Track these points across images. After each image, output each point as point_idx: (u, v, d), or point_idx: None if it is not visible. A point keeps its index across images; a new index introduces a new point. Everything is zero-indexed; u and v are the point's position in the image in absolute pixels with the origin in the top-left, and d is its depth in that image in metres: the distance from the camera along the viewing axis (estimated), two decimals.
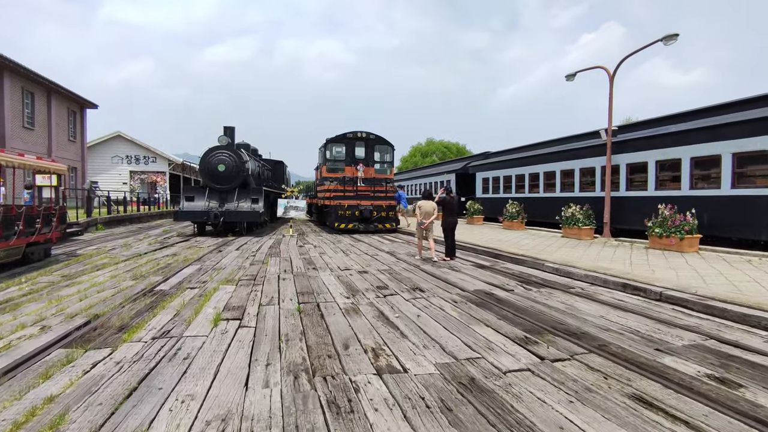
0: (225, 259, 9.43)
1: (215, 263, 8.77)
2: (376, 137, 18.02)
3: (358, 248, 11.82)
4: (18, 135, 21.67)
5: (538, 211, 15.96)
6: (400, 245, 12.53)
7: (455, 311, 5.23)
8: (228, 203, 15.14)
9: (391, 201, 16.94)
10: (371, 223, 16.49)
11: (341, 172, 17.69)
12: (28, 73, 21.70)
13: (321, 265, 8.84)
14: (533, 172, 16.40)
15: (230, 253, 10.45)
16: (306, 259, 9.73)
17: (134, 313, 4.89)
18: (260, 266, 8.57)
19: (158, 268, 7.98)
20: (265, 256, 9.98)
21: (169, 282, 6.69)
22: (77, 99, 27.16)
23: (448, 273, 7.92)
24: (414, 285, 6.77)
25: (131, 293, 5.88)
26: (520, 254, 9.28)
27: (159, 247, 11.38)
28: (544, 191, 15.74)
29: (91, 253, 9.76)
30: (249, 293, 6.06)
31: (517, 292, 6.35)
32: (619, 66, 11.78)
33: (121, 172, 32.36)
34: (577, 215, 12.12)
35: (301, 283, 6.92)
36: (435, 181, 26.47)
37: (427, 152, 60.16)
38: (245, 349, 3.83)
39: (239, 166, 15.21)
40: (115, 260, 8.82)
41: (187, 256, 9.73)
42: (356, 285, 6.79)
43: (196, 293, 5.96)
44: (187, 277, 7.20)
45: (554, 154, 15.15)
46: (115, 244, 11.92)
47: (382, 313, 5.14)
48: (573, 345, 4.01)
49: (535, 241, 11.92)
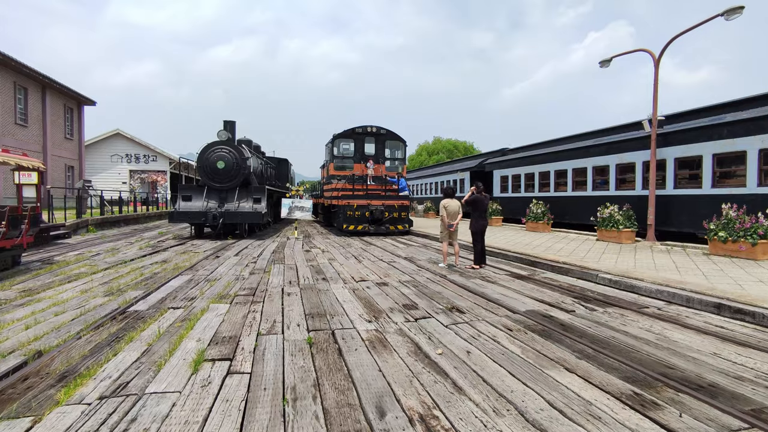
0: (221, 267, 8.23)
1: (209, 273, 7.56)
2: (387, 132, 16.78)
3: (371, 253, 10.58)
4: (10, 131, 20.62)
5: (566, 212, 14.64)
6: (417, 250, 11.28)
7: (515, 344, 3.97)
8: (228, 203, 13.95)
9: (403, 201, 15.68)
10: (382, 225, 15.25)
11: (350, 170, 16.46)
12: (20, 67, 20.64)
13: (332, 274, 7.61)
14: (560, 168, 15.07)
15: (228, 259, 9.25)
16: (314, 266, 8.50)
17: (90, 350, 3.67)
18: (261, 276, 7.35)
19: (141, 280, 6.78)
20: (268, 263, 8.76)
21: (149, 299, 5.47)
22: (74, 95, 26.11)
23: (484, 285, 6.66)
24: (449, 303, 5.52)
25: (97, 316, 4.67)
26: (561, 262, 8.01)
27: (150, 252, 10.20)
28: (572, 190, 14.42)
29: (70, 260, 8.58)
30: (245, 315, 4.83)
31: (579, 313, 5.08)
32: (665, 49, 10.47)
33: (121, 172, 31.32)
34: (615, 216, 10.81)
35: (309, 299, 5.68)
36: (447, 180, 25.17)
37: (434, 151, 58.83)
38: (233, 416, 2.60)
39: (240, 163, 14.02)
40: (93, 269, 7.63)
41: (179, 263, 8.53)
42: (377, 303, 5.55)
43: (179, 316, 4.74)
44: (173, 291, 5.99)
45: (585, 149, 13.82)
46: (102, 248, 10.76)
47: (418, 347, 3.89)
48: (712, 409, 2.74)
49: (570, 245, 10.63)
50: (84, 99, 27.24)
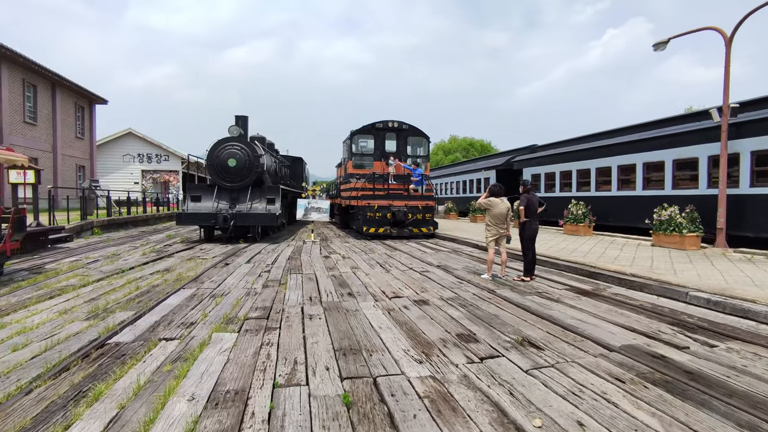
0: (230, 277, 7.15)
1: (216, 285, 6.48)
2: (409, 127, 15.59)
3: (397, 260, 9.41)
4: (18, 130, 20.03)
5: (610, 213, 13.23)
6: (448, 256, 10.08)
7: (642, 409, 2.75)
8: (240, 204, 12.94)
9: (428, 201, 14.48)
10: (405, 228, 14.08)
11: (369, 168, 15.32)
12: (29, 64, 20.03)
13: (358, 287, 6.47)
14: (603, 165, 13.65)
15: (239, 267, 8.18)
16: (336, 276, 7.37)
17: (34, 417, 2.57)
18: (276, 290, 6.25)
19: (135, 296, 5.72)
20: (283, 273, 7.66)
21: (138, 325, 4.39)
22: (85, 93, 25.55)
23: (547, 306, 5.43)
24: (516, 333, 4.31)
25: (66, 352, 3.59)
26: (630, 274, 6.72)
27: (153, 258, 9.20)
28: (618, 188, 13.01)
29: (62, 269, 7.60)
30: (257, 352, 3.70)
31: (697, 351, 3.83)
32: (738, 27, 9.08)
33: (133, 172, 30.76)
34: (678, 219, 9.44)
35: (337, 325, 4.54)
36: (470, 179, 23.84)
37: (450, 149, 57.35)
38: None
39: (253, 160, 13.00)
40: (84, 280, 6.61)
41: (183, 272, 7.49)
42: (423, 331, 4.37)
43: (172, 353, 3.64)
44: (170, 313, 4.90)
45: (633, 143, 12.41)
46: (103, 253, 9.81)
47: (502, 412, 2.71)
48: None
49: (624, 252, 9.30)
50: (95, 97, 26.68)
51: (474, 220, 19.85)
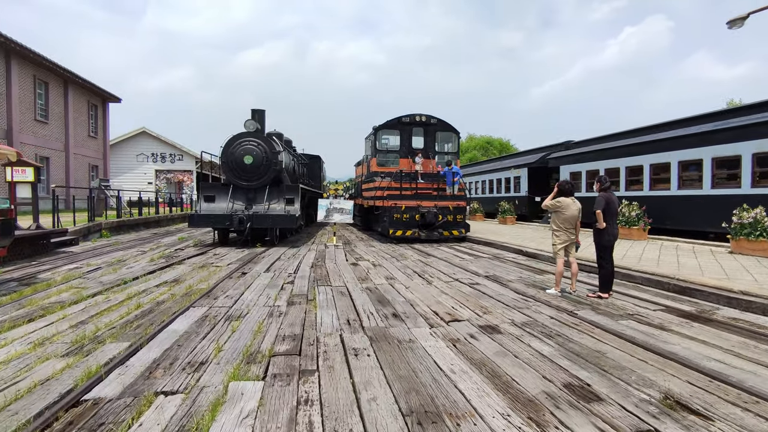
0: (249, 291, 6.06)
1: (232, 301, 5.39)
2: (438, 122, 14.39)
3: (435, 268, 8.24)
4: (29, 128, 19.41)
5: (668, 215, 11.82)
6: (491, 263, 8.85)
7: None
8: (256, 204, 11.90)
9: (459, 202, 13.27)
10: (435, 230, 12.89)
11: (394, 166, 14.16)
12: (40, 60, 19.40)
13: (402, 306, 5.30)
14: (659, 162, 12.22)
15: (257, 277, 7.10)
16: (372, 290, 6.23)
17: None
18: (304, 308, 5.13)
19: (134, 317, 4.65)
20: (309, 284, 6.55)
21: (130, 366, 3.30)
22: (98, 91, 24.95)
23: (658, 336, 4.18)
24: (648, 383, 3.09)
25: (19, 419, 2.50)
26: (740, 291, 5.41)
27: (162, 265, 8.19)
28: (678, 188, 11.59)
29: (55, 280, 6.61)
30: (293, 418, 2.56)
31: None
32: None
33: (147, 171, 30.17)
34: (766, 222, 8.05)
35: (394, 367, 3.38)
36: (498, 178, 22.47)
37: (467, 148, 55.80)
38: None
39: (271, 157, 11.95)
40: (78, 295, 5.58)
41: (193, 284, 6.42)
42: (513, 377, 3.19)
43: (172, 420, 2.51)
44: (175, 344, 3.80)
45: (698, 136, 10.97)
46: (107, 259, 8.84)
47: None
48: None
49: (703, 260, 7.95)
50: (109, 95, 26.08)
51: (503, 222, 18.54)
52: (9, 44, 17.39)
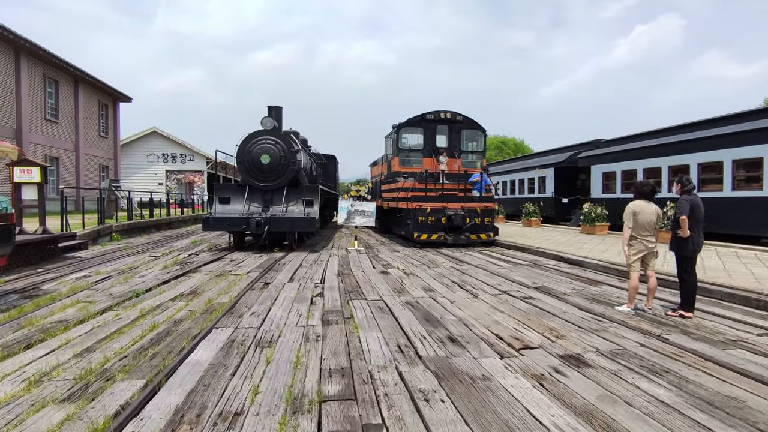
0: (276, 306, 5.35)
1: (260, 320, 4.69)
2: (464, 119, 13.61)
3: (473, 276, 7.47)
4: (39, 128, 18.99)
5: (721, 219, 10.90)
6: (534, 272, 8.05)
7: None
8: (274, 206, 11.24)
9: (488, 204, 12.49)
10: (462, 234, 12.11)
11: (417, 166, 13.41)
12: (50, 58, 18.99)
13: (457, 327, 4.55)
14: (709, 161, 11.29)
15: (282, 288, 6.39)
16: (413, 305, 5.49)
17: None
18: (344, 329, 4.41)
19: (149, 342, 3.95)
20: (342, 298, 5.83)
21: (148, 416, 2.59)
22: (109, 90, 24.55)
23: None
24: None
25: None
26: None
27: (177, 273, 7.53)
28: (733, 188, 10.69)
29: (61, 292, 5.96)
30: None
31: None
32: None
33: (157, 172, 29.77)
34: None
35: (482, 422, 2.62)
36: (520, 178, 21.60)
37: None
38: None
39: (289, 156, 11.28)
40: (84, 311, 4.91)
41: (213, 297, 5.73)
42: None
43: None
44: (200, 383, 3.09)
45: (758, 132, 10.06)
46: (118, 266, 8.21)
47: None
48: None
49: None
50: (120, 95, 25.68)
51: (528, 224, 17.69)
52: (18, 41, 16.97)
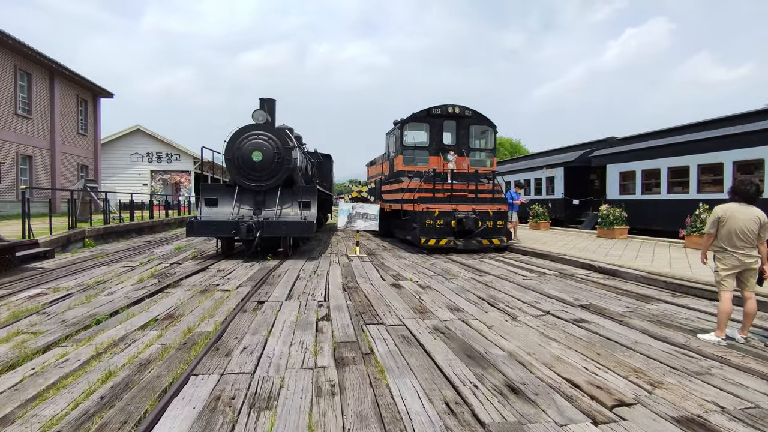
0: (273, 337, 4.23)
1: (253, 362, 3.56)
2: (473, 113, 12.59)
3: (501, 291, 6.41)
4: (9, 124, 17.53)
5: None
6: (564, 283, 7.02)
7: None
8: (266, 209, 10.11)
9: (500, 205, 11.48)
10: (473, 238, 11.09)
11: (424, 165, 12.36)
12: (21, 48, 17.54)
13: (511, 367, 3.48)
14: (744, 159, 10.41)
15: (279, 309, 5.26)
16: (443, 332, 4.41)
17: None
18: (365, 373, 3.31)
19: (98, 402, 2.80)
20: (354, 323, 4.72)
21: None
22: (88, 85, 23.08)
23: None
24: None
25: None
26: None
27: (153, 289, 6.34)
28: None
29: (2, 317, 4.75)
30: None
31: None
32: None
33: (141, 172, 28.29)
34: None
35: None
36: (527, 178, 20.70)
37: None
38: None
39: (283, 153, 10.15)
40: (20, 350, 3.73)
41: (193, 325, 4.57)
42: None
43: None
44: None
45: None
46: (84, 279, 6.99)
47: None
48: None
49: None
50: (100, 90, 24.20)
51: (536, 227, 16.75)
52: None
